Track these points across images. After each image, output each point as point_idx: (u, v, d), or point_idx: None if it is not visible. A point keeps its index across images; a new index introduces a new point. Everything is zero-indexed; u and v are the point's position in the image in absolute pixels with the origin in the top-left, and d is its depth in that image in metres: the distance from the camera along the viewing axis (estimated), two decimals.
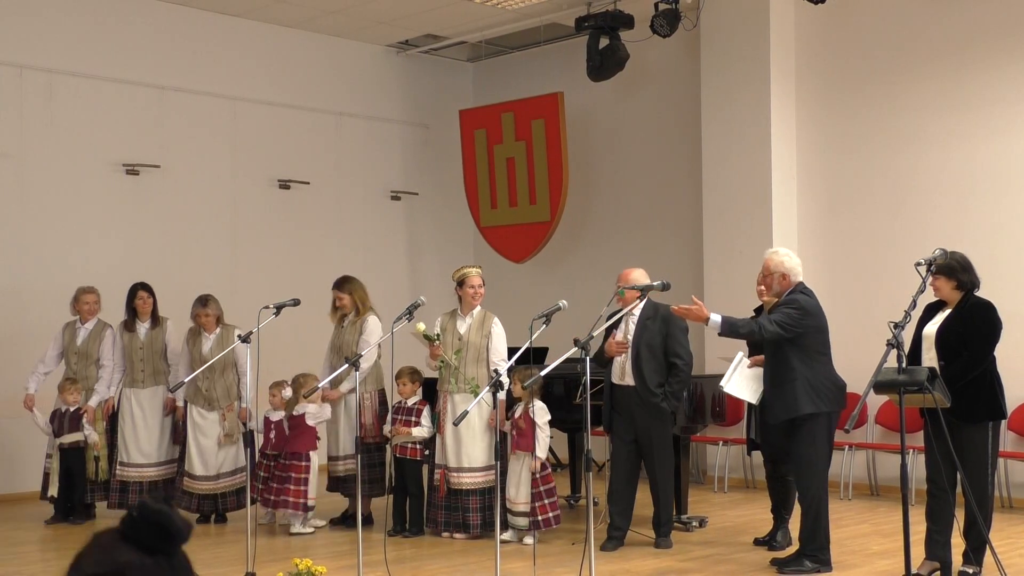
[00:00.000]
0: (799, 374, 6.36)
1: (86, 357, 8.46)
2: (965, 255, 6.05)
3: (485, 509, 7.51)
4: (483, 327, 7.61)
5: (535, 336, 5.62)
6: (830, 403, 6.45)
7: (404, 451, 7.70)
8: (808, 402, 6.35)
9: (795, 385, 6.36)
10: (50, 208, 9.91)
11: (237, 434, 8.23)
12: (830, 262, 9.97)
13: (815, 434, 6.40)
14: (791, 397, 6.37)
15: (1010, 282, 8.52)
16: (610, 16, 10.35)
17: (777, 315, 6.35)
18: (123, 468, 8.35)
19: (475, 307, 7.68)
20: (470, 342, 7.56)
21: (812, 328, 6.43)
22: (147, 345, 8.54)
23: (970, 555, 5.94)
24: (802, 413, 6.36)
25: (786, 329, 6.31)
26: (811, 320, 6.41)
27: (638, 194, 11.56)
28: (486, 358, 7.56)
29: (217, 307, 8.42)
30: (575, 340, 5.46)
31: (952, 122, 9.30)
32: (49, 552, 7.45)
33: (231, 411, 8.29)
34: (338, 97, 11.87)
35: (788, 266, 6.57)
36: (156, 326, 8.61)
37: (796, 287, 6.55)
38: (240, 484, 8.17)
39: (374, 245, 12.14)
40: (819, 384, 6.40)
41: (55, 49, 9.96)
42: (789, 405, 6.40)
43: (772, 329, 6.29)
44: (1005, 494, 8.64)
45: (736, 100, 10.16)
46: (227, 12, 10.92)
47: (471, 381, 7.51)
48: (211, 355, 8.13)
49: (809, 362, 6.40)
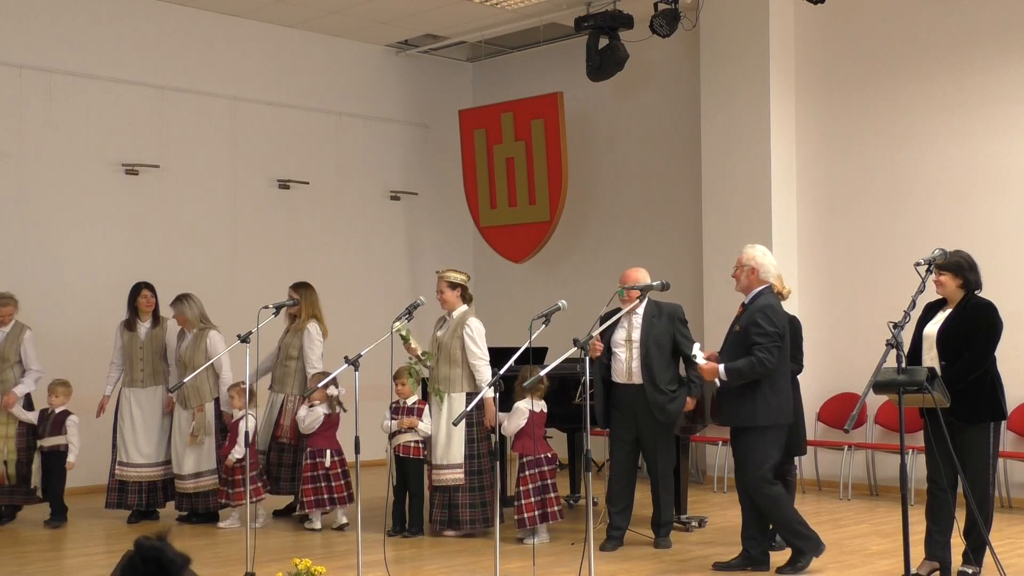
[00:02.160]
0: (766, 384, 6.30)
1: (3, 360, 8.32)
2: (970, 255, 6.04)
3: (476, 506, 7.57)
4: (457, 329, 7.67)
5: (535, 336, 5.62)
6: (785, 415, 6.40)
7: (407, 450, 7.70)
8: (765, 414, 6.30)
9: (754, 394, 6.30)
10: (49, 208, 9.91)
11: (202, 435, 8.21)
12: (829, 262, 9.97)
13: (765, 441, 6.33)
14: (748, 405, 6.31)
15: (1010, 282, 8.52)
16: (609, 16, 10.36)
17: (761, 339, 6.25)
18: (122, 468, 8.34)
19: (454, 309, 7.75)
20: (442, 344, 7.66)
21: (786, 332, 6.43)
22: (147, 345, 8.53)
23: (970, 555, 5.94)
24: (757, 425, 6.32)
25: (780, 347, 6.31)
26: (780, 319, 6.36)
27: (637, 194, 11.56)
28: (460, 359, 7.61)
29: (190, 307, 8.39)
30: (575, 340, 5.46)
31: (952, 122, 9.30)
32: (49, 552, 7.44)
33: (200, 411, 8.25)
34: (338, 97, 11.87)
35: (759, 262, 6.47)
36: (157, 326, 8.61)
37: (765, 289, 6.46)
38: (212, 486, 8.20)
39: (374, 245, 12.14)
40: (779, 394, 6.35)
41: (55, 49, 9.96)
42: (744, 414, 6.34)
43: (771, 358, 6.26)
44: (1005, 494, 8.65)
45: (736, 100, 10.17)
46: (227, 12, 10.91)
47: (437, 385, 7.64)
48: (185, 354, 8.26)
49: (777, 373, 6.34)
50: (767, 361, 6.24)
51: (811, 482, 9.70)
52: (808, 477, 9.62)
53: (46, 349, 8.75)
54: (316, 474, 7.89)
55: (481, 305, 13.02)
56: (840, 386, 9.68)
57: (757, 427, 6.33)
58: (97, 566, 6.89)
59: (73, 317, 9.85)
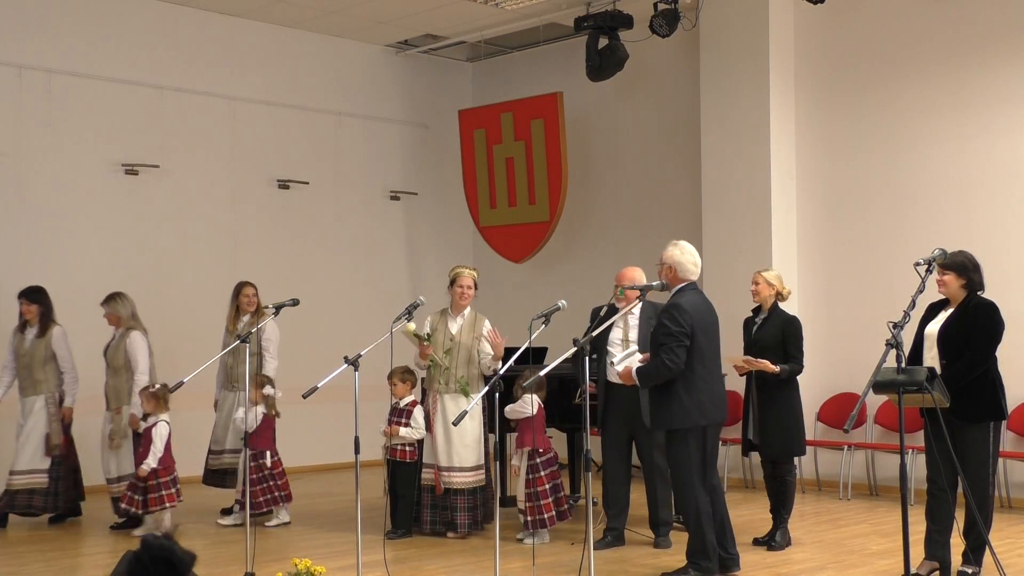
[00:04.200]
0: (679, 385, 6.13)
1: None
2: (972, 255, 6.04)
3: (474, 508, 7.57)
4: (474, 328, 7.64)
5: (534, 336, 5.62)
6: (705, 416, 6.22)
7: (394, 453, 7.69)
8: (680, 417, 6.14)
9: (670, 396, 6.15)
10: (49, 207, 9.91)
11: (119, 438, 8.14)
12: (829, 262, 9.97)
13: (687, 444, 6.18)
14: (664, 408, 6.18)
15: (1010, 282, 8.51)
16: (609, 16, 10.36)
17: (665, 339, 6.09)
18: None
19: (464, 308, 7.70)
20: (461, 343, 7.60)
21: (698, 329, 6.16)
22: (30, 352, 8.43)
23: (969, 555, 5.94)
24: (674, 427, 6.19)
25: (686, 346, 6.09)
26: (686, 318, 6.11)
27: (637, 194, 11.56)
28: (477, 359, 7.59)
29: (123, 305, 8.32)
30: (574, 340, 5.46)
31: (952, 123, 9.30)
32: (49, 552, 7.44)
33: (118, 414, 8.16)
34: (337, 97, 11.87)
35: (678, 260, 6.31)
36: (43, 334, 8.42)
37: (687, 287, 6.28)
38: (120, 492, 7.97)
39: (373, 245, 12.14)
40: (695, 395, 6.17)
41: (54, 49, 9.95)
42: (661, 417, 6.22)
43: (676, 358, 6.07)
44: (1005, 494, 8.65)
45: (735, 100, 10.16)
46: (227, 12, 10.91)
47: (461, 380, 7.55)
48: (109, 355, 8.28)
49: (690, 373, 6.14)
50: (670, 362, 6.06)
51: (811, 482, 9.70)
52: (808, 477, 9.61)
53: None
54: (263, 475, 7.99)
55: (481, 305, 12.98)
56: (840, 386, 9.68)
57: (675, 430, 6.19)
58: (97, 566, 6.90)
59: (73, 317, 9.82)
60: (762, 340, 7.23)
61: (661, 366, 6.10)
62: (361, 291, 11.82)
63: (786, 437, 7.20)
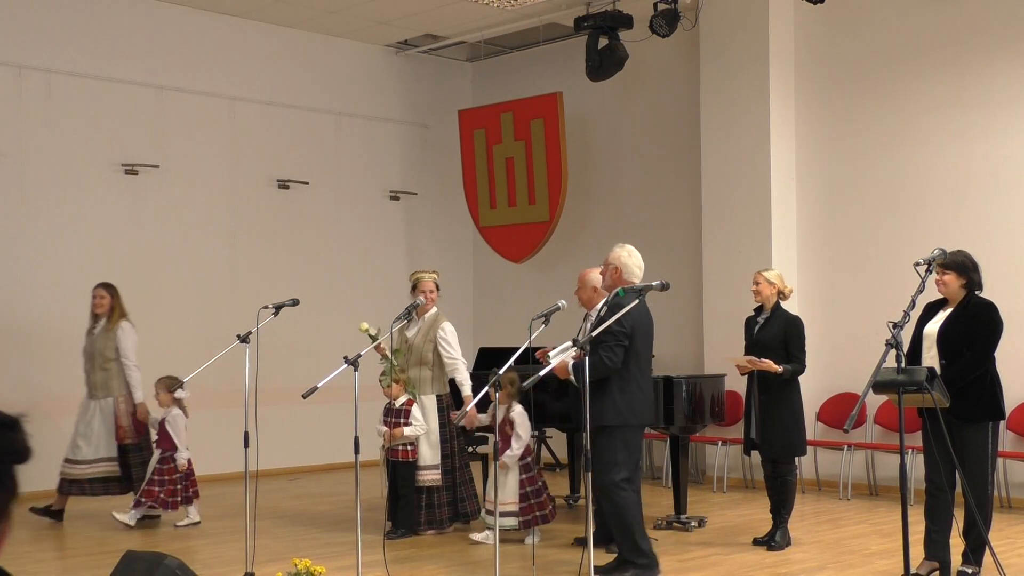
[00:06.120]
0: (614, 383, 6.16)
1: None
2: (972, 255, 6.04)
3: (455, 502, 7.74)
4: (430, 332, 7.72)
5: (534, 336, 5.62)
6: (636, 416, 6.26)
7: (395, 454, 7.69)
8: (612, 415, 6.16)
9: (603, 394, 6.13)
10: (49, 208, 9.91)
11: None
12: (829, 262, 9.97)
13: (613, 441, 6.19)
14: (597, 405, 6.04)
15: (1009, 282, 8.52)
16: (609, 16, 10.36)
17: (605, 337, 6.03)
18: None
19: (428, 311, 7.76)
20: (414, 345, 7.71)
21: (637, 331, 6.20)
22: None
23: (969, 555, 5.94)
24: (604, 424, 6.16)
25: (624, 346, 6.14)
26: (627, 319, 6.08)
27: (637, 194, 11.56)
28: (430, 361, 7.68)
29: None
30: (574, 340, 5.46)
31: (952, 122, 9.30)
32: (49, 552, 7.44)
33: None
34: (337, 97, 11.87)
35: (624, 262, 6.36)
36: None
37: None
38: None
39: (373, 245, 12.14)
40: (627, 395, 6.20)
41: (54, 49, 9.95)
42: (593, 413, 6.08)
43: (613, 356, 6.10)
44: (1004, 494, 8.65)
45: (735, 99, 10.17)
46: (227, 12, 10.91)
47: (409, 383, 7.69)
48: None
49: (626, 372, 6.19)
50: (607, 359, 6.10)
51: (811, 482, 9.70)
52: (808, 477, 9.61)
53: (46, 348, 8.75)
54: (174, 476, 8.09)
55: (480, 305, 13.05)
56: (840, 386, 9.68)
57: (605, 427, 6.18)
58: (97, 566, 6.89)
59: (73, 317, 9.83)
60: (764, 340, 7.23)
61: (599, 363, 6.09)
62: (361, 291, 11.82)
63: (787, 437, 7.20)
